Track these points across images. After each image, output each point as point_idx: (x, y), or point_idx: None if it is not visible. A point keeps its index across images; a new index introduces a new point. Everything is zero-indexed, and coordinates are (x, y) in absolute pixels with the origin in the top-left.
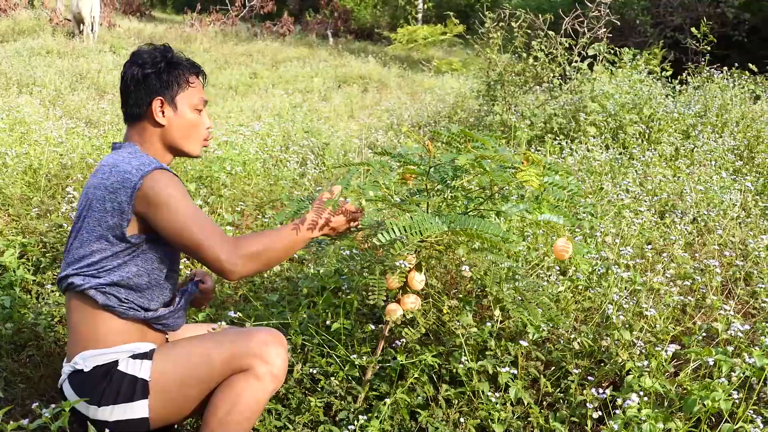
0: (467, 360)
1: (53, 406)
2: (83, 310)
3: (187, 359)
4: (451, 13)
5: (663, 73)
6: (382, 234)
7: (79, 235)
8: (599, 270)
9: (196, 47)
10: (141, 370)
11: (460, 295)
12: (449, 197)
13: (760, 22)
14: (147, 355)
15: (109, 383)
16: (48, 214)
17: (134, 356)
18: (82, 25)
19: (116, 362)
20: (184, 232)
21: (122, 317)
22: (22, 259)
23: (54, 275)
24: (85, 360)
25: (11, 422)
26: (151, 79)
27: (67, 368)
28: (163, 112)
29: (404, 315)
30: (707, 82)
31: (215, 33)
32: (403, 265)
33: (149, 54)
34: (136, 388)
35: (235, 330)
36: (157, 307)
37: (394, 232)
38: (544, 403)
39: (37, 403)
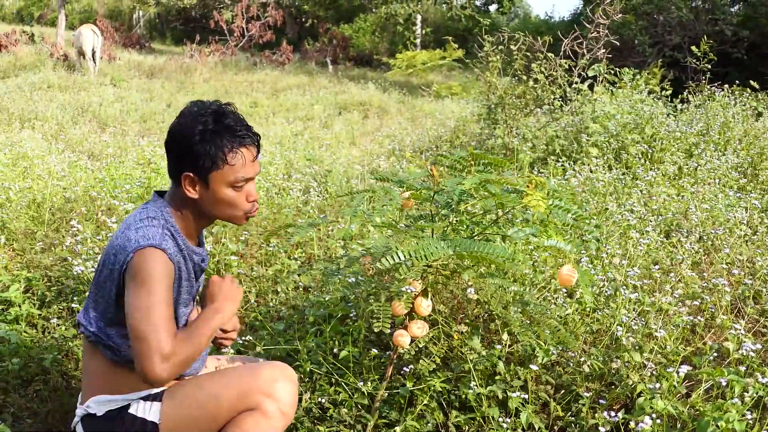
0: (476, 385)
1: None
2: (94, 358)
3: (194, 400)
4: (450, 38)
5: (663, 93)
6: (386, 258)
7: (94, 282)
8: (607, 292)
9: (196, 78)
10: (151, 412)
11: (467, 320)
12: (454, 221)
13: (758, 39)
14: (157, 397)
15: (121, 426)
16: (52, 248)
17: (145, 398)
18: (83, 58)
19: (128, 405)
20: (141, 315)
21: (128, 367)
22: (27, 293)
23: (59, 309)
24: (99, 404)
25: None
26: (182, 149)
27: (80, 410)
28: (194, 187)
29: (413, 341)
30: (708, 100)
31: (215, 63)
32: (409, 291)
33: (193, 118)
34: (147, 431)
35: (243, 366)
36: None
37: (399, 256)
38: (555, 427)
39: None
